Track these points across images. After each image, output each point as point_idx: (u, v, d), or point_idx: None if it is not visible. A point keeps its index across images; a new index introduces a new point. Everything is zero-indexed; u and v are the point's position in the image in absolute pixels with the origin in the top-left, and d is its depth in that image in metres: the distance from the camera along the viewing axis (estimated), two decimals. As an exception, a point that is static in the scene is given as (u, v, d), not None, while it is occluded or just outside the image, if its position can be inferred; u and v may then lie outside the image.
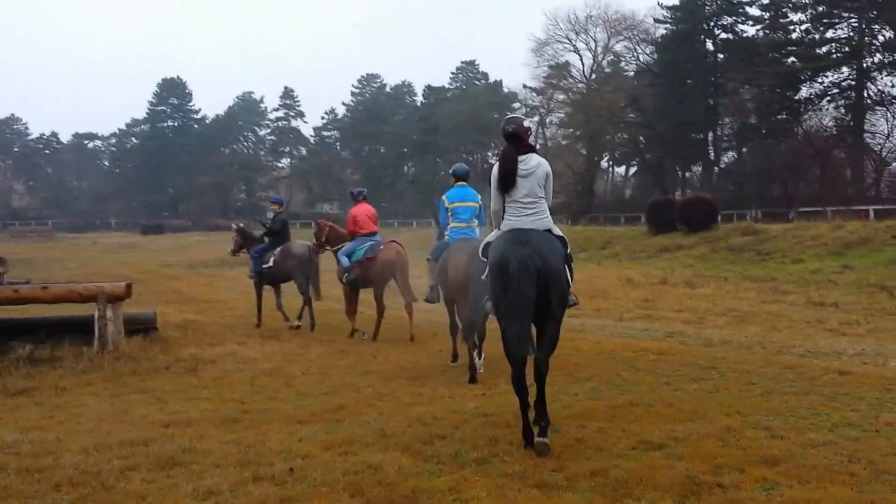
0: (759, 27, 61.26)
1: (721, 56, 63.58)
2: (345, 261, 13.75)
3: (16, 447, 6.79)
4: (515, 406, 6.98)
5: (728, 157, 68.09)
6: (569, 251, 7.17)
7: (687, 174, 70.34)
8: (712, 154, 66.06)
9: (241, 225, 17.52)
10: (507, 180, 6.98)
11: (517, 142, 7.17)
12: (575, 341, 12.41)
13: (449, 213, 10.87)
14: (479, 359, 10.14)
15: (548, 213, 7.16)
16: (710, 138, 66.10)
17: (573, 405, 8.04)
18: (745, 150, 63.88)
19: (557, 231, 7.20)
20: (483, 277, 7.39)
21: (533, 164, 7.07)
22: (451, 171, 11.61)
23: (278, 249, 15.40)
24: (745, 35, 62.02)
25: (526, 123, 7.40)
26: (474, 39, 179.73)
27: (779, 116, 56.68)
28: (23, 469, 6.17)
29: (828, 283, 20.83)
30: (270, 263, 15.34)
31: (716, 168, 65.04)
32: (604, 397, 8.42)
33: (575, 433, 6.91)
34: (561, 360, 10.32)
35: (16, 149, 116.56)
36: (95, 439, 7.02)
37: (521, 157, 7.04)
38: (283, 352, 12.15)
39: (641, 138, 68.62)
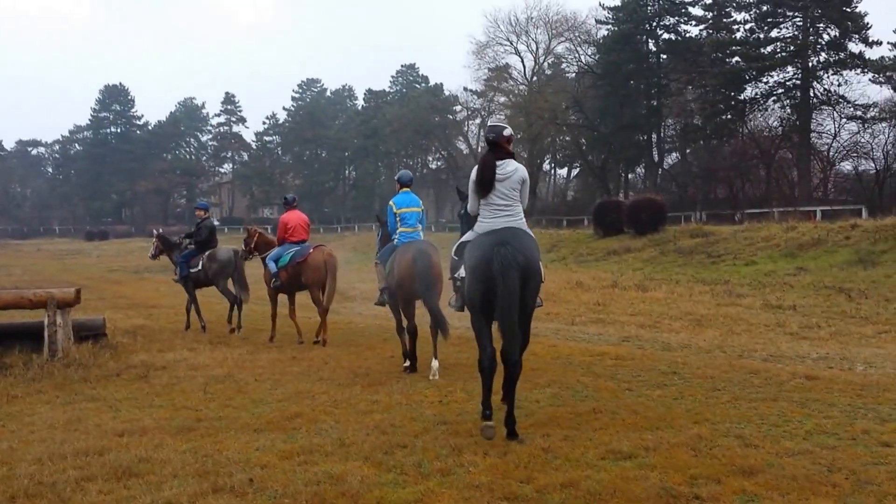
0: (702, 27, 61.58)
1: (664, 57, 64.04)
2: (272, 266, 14.14)
3: None
4: (475, 414, 7.23)
5: (671, 158, 68.69)
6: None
7: (630, 176, 70.88)
8: (656, 155, 66.56)
9: (161, 231, 18.15)
10: (486, 185, 7.41)
11: (497, 149, 7.59)
12: (530, 345, 12.25)
13: (397, 218, 11.16)
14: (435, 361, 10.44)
15: (522, 215, 7.55)
16: (653, 139, 66.58)
17: (535, 412, 7.96)
18: (688, 151, 64.40)
19: (529, 232, 7.54)
20: (456, 276, 8.18)
21: (510, 169, 7.47)
22: (396, 178, 12.00)
23: (205, 254, 15.79)
24: (688, 35, 62.47)
25: (506, 132, 7.71)
26: (413, 42, 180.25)
27: (723, 117, 57.23)
28: None
29: (783, 285, 21.02)
30: (199, 267, 15.72)
31: (660, 170, 65.49)
32: (566, 404, 8.34)
33: (540, 442, 6.80)
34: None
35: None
36: (49, 448, 6.85)
37: (499, 163, 7.46)
38: (234, 358, 11.95)
39: (584, 140, 68.94)
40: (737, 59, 56.01)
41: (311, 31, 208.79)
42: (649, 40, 64.85)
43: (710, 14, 60.60)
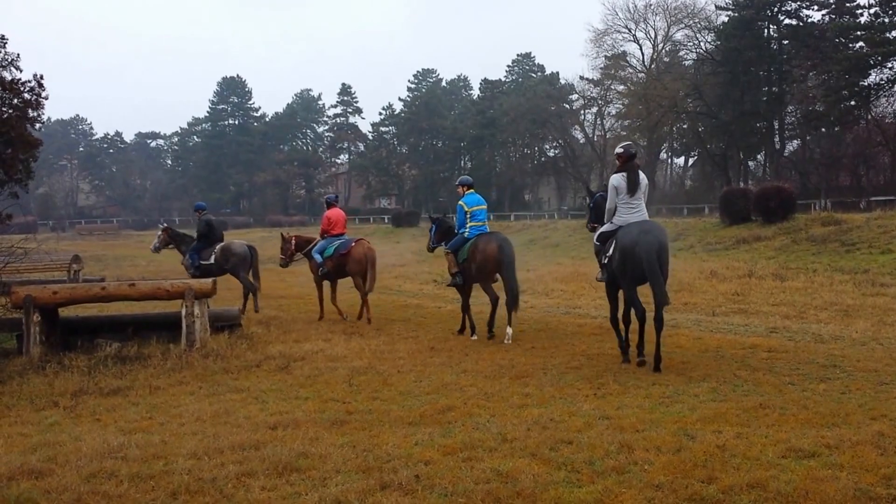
0: (825, 12, 59.05)
1: (786, 42, 61.68)
2: (318, 258, 16.20)
3: (123, 451, 6.57)
4: (636, 408, 7.39)
5: (792, 145, 66.43)
6: None
7: (751, 163, 68.99)
8: (777, 143, 64.55)
9: (167, 224, 19.29)
10: (632, 186, 10.15)
11: (634, 160, 10.43)
12: (673, 337, 12.00)
13: (468, 215, 13.29)
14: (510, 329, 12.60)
15: (645, 210, 10.36)
16: (775, 127, 64.57)
17: (698, 407, 7.59)
18: (808, 138, 62.27)
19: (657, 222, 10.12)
20: (607, 255, 10.37)
21: (643, 177, 10.32)
22: (459, 182, 13.96)
23: (218, 248, 17.54)
24: (810, 21, 59.93)
25: (635, 150, 10.78)
26: (530, 31, 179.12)
27: (847, 103, 54.86)
28: (134, 475, 5.94)
29: (928, 274, 19.89)
30: (211, 260, 17.35)
31: (780, 157, 63.43)
32: (728, 399, 7.94)
33: (713, 439, 6.43)
34: (665, 358, 10.02)
35: (81, 148, 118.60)
36: (203, 443, 6.79)
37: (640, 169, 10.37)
38: (371, 349, 11.84)
39: (702, 128, 67.27)
40: (861, 44, 53.51)
41: (428, 23, 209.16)
42: (771, 26, 62.63)
43: (833, -1, 58.26)
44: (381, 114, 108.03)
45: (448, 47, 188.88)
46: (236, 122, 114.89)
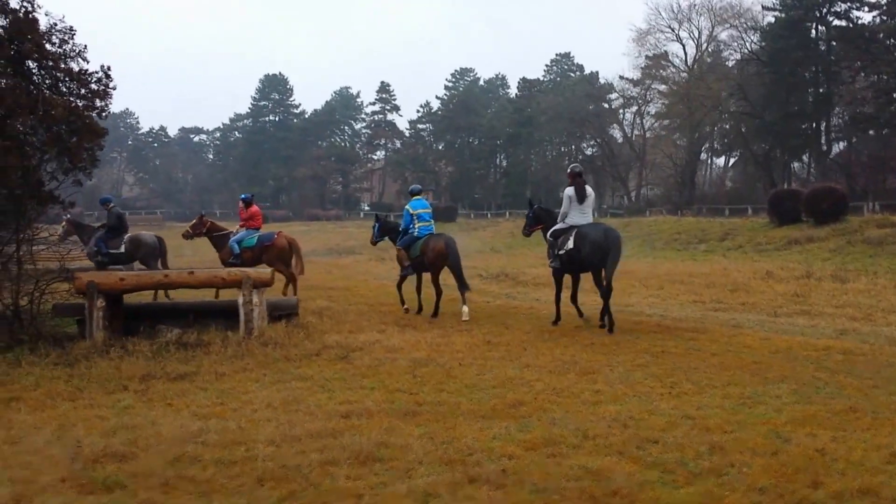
0: (875, 13, 58.02)
1: (834, 44, 60.71)
2: (235, 247, 17.47)
3: (202, 436, 6.53)
4: (717, 409, 7.34)
5: (837, 147, 65.57)
6: None
7: (795, 164, 68.25)
8: (824, 144, 63.73)
9: (70, 216, 19.70)
10: (581, 197, 13.30)
11: (581, 177, 13.72)
12: (738, 337, 11.82)
13: (415, 218, 15.36)
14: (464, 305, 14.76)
15: (591, 215, 13.68)
16: (821, 128, 63.76)
17: (783, 409, 7.36)
18: (853, 139, 61.42)
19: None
20: (565, 248, 13.14)
21: (589, 189, 13.68)
22: (409, 190, 16.32)
23: (126, 237, 18.69)
24: (860, 22, 59.04)
25: (580, 170, 14.02)
26: (569, 33, 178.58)
27: (898, 106, 54.09)
28: (217, 460, 5.89)
29: None
30: (121, 249, 18.43)
31: (827, 159, 62.61)
32: (813, 401, 7.67)
33: (808, 442, 6.23)
34: (734, 357, 10.00)
35: (129, 142, 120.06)
36: (279, 430, 6.73)
37: (587, 184, 13.77)
38: (427, 341, 11.69)
39: (743, 128, 66.62)
40: (913, 45, 52.83)
41: (468, 23, 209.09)
42: (819, 27, 61.83)
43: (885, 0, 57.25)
44: (418, 111, 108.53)
45: (487, 48, 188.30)
46: (277, 119, 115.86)
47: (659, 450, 6.10)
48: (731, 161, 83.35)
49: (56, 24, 12.12)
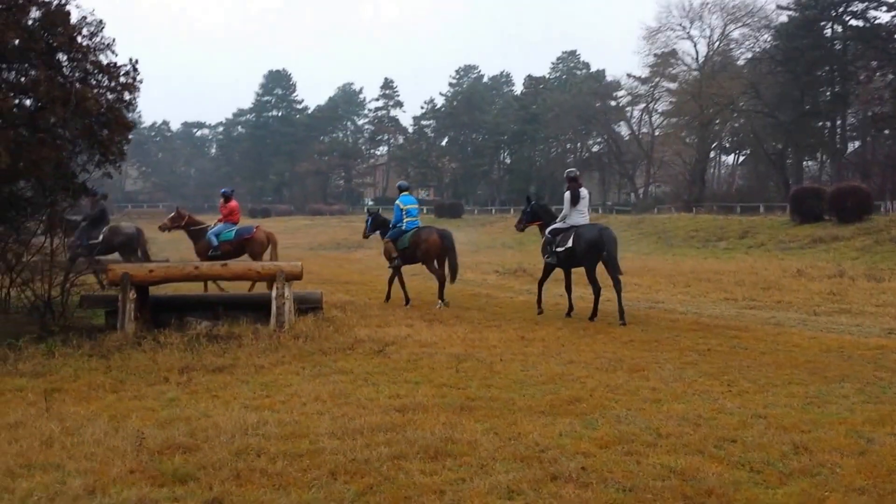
0: (893, 13, 57.62)
1: (849, 43, 60.40)
2: (213, 240, 17.64)
3: (261, 429, 6.35)
4: (786, 408, 7.12)
5: (851, 146, 65.30)
6: None
7: (808, 163, 68.05)
8: (839, 143, 63.44)
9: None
10: (575, 199, 14.12)
11: (578, 180, 14.63)
12: (784, 335, 11.62)
13: (404, 212, 16.08)
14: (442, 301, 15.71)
15: (588, 215, 14.44)
16: (836, 128, 63.50)
17: (854, 408, 7.12)
18: (868, 139, 61.17)
19: None
20: (565, 246, 13.92)
21: (584, 191, 14.33)
22: (398, 185, 17.18)
23: (105, 229, 18.77)
24: (877, 21, 58.64)
25: (574, 174, 14.94)
26: (575, 31, 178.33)
27: (914, 105, 53.70)
28: (283, 453, 5.71)
29: None
30: (100, 239, 18.50)
31: (841, 158, 62.33)
32: (884, 401, 7.42)
33: (893, 442, 5.99)
34: (785, 356, 9.82)
35: (130, 135, 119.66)
36: (337, 423, 6.57)
37: (581, 187, 14.44)
38: (460, 336, 11.50)
39: (754, 127, 66.38)
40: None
41: (469, 18, 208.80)
42: (835, 26, 61.44)
43: (902, -1, 56.74)
44: (422, 107, 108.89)
45: (491, 45, 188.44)
46: (280, 114, 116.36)
47: (739, 449, 5.86)
48: (741, 159, 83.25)
49: (86, 17, 12.14)
